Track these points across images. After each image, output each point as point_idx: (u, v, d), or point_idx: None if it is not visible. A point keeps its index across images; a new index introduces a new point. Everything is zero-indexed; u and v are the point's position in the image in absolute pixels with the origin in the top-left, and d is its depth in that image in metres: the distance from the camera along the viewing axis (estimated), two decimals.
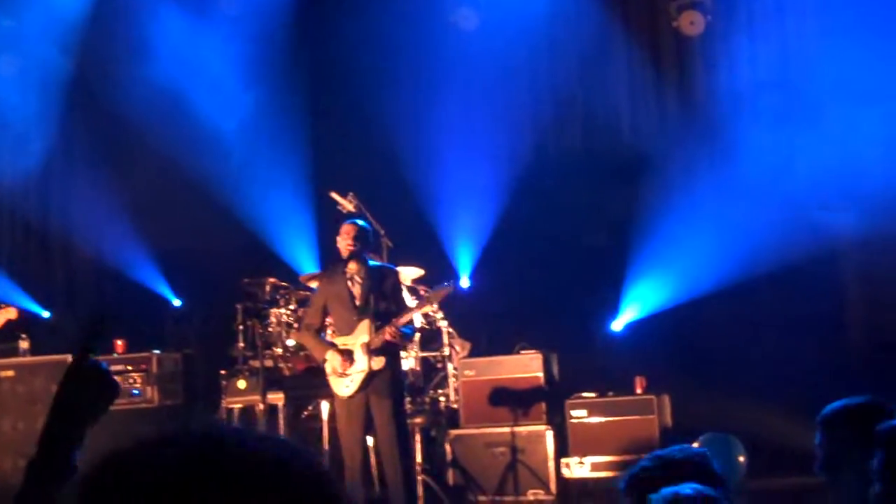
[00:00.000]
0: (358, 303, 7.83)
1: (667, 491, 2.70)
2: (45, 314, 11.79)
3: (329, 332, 8.15)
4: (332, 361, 7.79)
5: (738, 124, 10.35)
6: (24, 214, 12.04)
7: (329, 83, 11.60)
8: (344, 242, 7.85)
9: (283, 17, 11.58)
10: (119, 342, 10.11)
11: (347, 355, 7.75)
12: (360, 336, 7.78)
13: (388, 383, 7.78)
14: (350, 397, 7.78)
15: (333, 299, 7.93)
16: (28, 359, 10.17)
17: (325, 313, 8.01)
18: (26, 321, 11.22)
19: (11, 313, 8.78)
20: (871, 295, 10.29)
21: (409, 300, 9.34)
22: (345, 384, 7.80)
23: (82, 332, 2.34)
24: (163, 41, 11.42)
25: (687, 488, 2.72)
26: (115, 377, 8.04)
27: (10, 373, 9.89)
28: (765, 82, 10.38)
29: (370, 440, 8.16)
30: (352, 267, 7.89)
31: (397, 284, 8.12)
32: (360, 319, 7.79)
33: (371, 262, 8.08)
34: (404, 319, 7.75)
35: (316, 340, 7.98)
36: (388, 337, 7.67)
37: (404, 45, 11.08)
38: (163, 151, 11.36)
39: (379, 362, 7.71)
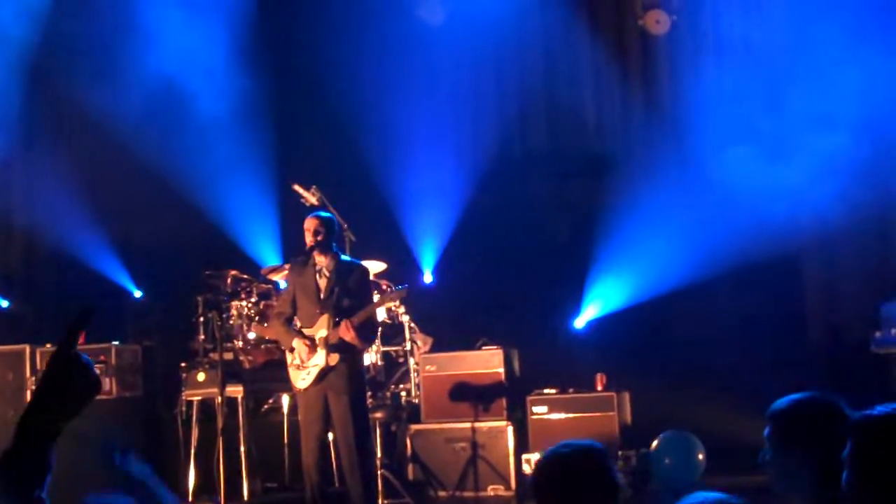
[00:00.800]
0: (322, 296, 7.80)
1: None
2: (4, 304, 11.67)
3: (298, 323, 8.10)
4: (298, 349, 7.77)
5: (702, 124, 10.39)
6: None
7: (293, 76, 11.55)
8: (308, 235, 7.82)
9: (246, 9, 11.51)
10: None
11: (312, 344, 7.73)
12: (320, 330, 7.75)
13: (346, 379, 7.73)
14: (306, 390, 7.74)
15: (300, 290, 7.91)
16: None
17: (295, 304, 7.98)
18: None
19: None
20: (830, 294, 10.38)
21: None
22: (301, 377, 7.77)
23: (68, 323, 2.30)
24: (125, 32, 11.31)
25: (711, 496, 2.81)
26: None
27: None
28: (729, 82, 10.41)
29: (331, 435, 8.12)
30: (321, 259, 7.86)
31: (363, 282, 8.08)
32: (321, 313, 7.77)
33: (343, 258, 8.04)
34: (358, 319, 7.70)
35: (285, 328, 7.95)
36: (346, 338, 7.64)
37: (370, 38, 11.06)
38: (125, 142, 11.25)
39: (334, 358, 7.67)
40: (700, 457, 8.80)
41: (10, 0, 11.36)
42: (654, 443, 8.90)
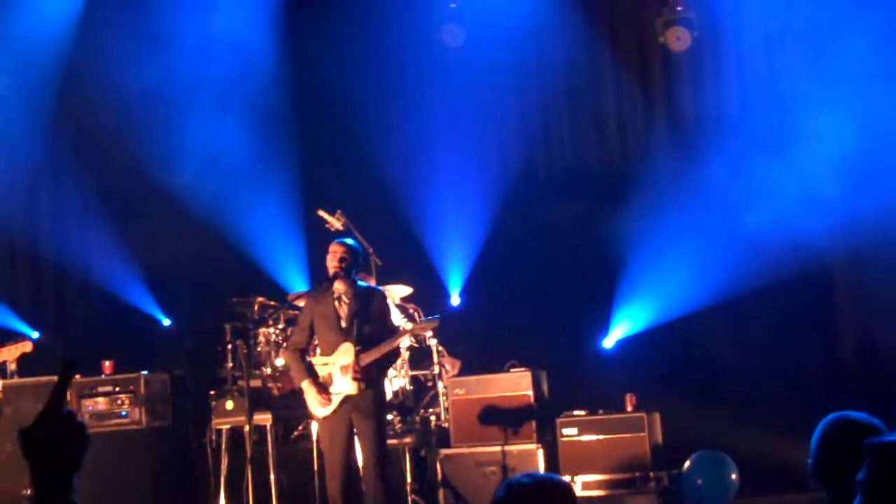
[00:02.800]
0: (343, 324, 7.78)
1: None
2: (34, 335, 11.72)
3: (316, 351, 8.08)
4: (308, 394, 7.77)
5: (725, 140, 10.34)
6: (13, 234, 11.98)
7: (317, 101, 11.58)
8: (332, 262, 7.80)
9: (270, 36, 11.57)
10: (107, 363, 10.05)
11: (324, 389, 7.70)
12: (341, 358, 7.72)
13: (370, 404, 7.72)
14: (327, 418, 7.73)
15: (319, 319, 7.88)
16: (15, 380, 10.09)
17: (312, 333, 7.95)
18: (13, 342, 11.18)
19: (27, 347, 8.76)
20: (861, 311, 10.28)
21: (398, 319, 9.32)
22: (320, 403, 7.76)
23: (57, 380, 2.29)
24: (149, 61, 11.38)
25: None
26: (103, 399, 7.96)
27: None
28: (751, 99, 10.36)
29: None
30: (339, 287, 7.84)
31: (384, 308, 8.07)
32: (343, 341, 7.74)
33: (360, 283, 8.02)
34: (372, 356, 7.68)
35: (298, 363, 7.92)
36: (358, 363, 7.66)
37: (391, 62, 11.09)
38: (152, 171, 11.32)
39: (358, 386, 7.65)
40: (733, 477, 8.71)
41: (36, 29, 11.47)
42: (686, 463, 8.82)
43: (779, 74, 10.33)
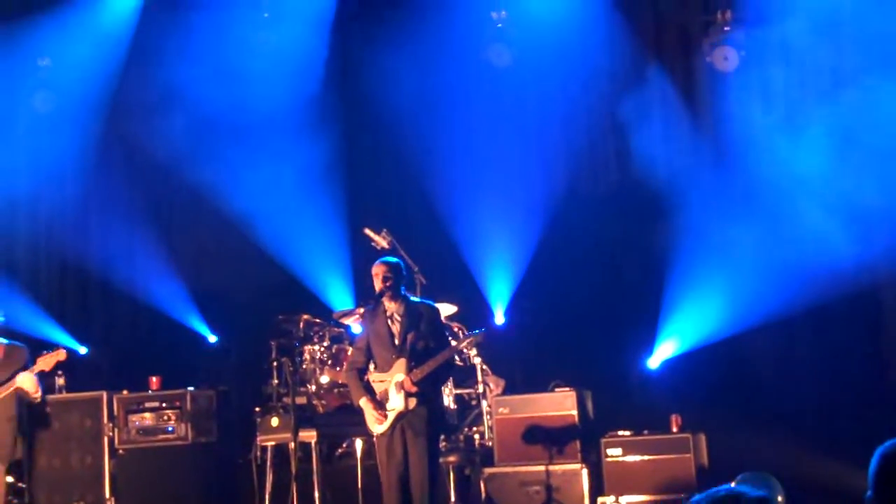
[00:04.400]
0: (397, 341, 7.83)
1: None
2: (82, 350, 11.85)
3: (371, 368, 8.11)
4: (366, 411, 7.82)
5: (772, 159, 10.28)
6: (62, 252, 12.13)
7: (363, 120, 11.65)
8: (376, 281, 7.86)
9: (318, 55, 11.66)
10: (154, 379, 10.14)
11: (380, 406, 7.76)
12: (396, 374, 7.77)
13: (424, 421, 7.75)
14: (384, 435, 7.76)
15: (374, 337, 7.95)
16: (63, 395, 10.22)
17: (370, 352, 8.01)
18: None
19: (61, 355, 8.86)
20: None
21: None
22: (377, 419, 7.80)
23: None
24: (198, 81, 11.50)
25: None
26: (149, 414, 8.07)
27: (46, 409, 9.93)
28: (799, 118, 10.29)
29: None
30: (390, 305, 7.90)
31: (436, 322, 8.10)
32: (397, 358, 7.80)
33: (412, 299, 8.07)
34: (423, 371, 7.72)
35: (355, 382, 7.98)
36: (411, 390, 7.71)
37: (438, 81, 11.13)
38: (198, 189, 11.43)
39: (412, 402, 7.70)
40: (779, 499, 8.62)
41: (88, 48, 11.64)
42: (732, 485, 8.74)
43: (826, 92, 10.24)
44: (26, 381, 8.67)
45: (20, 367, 8.77)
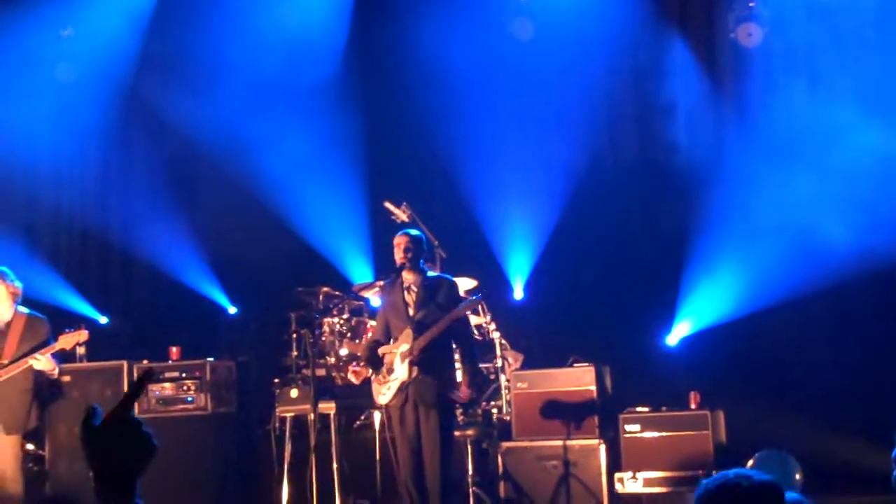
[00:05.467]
0: (412, 312, 7.85)
1: None
2: (102, 320, 11.91)
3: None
4: (356, 374, 7.93)
5: (795, 137, 10.22)
6: (83, 221, 12.17)
7: (384, 93, 11.63)
8: (397, 254, 7.87)
9: (339, 27, 11.63)
10: (174, 349, 10.19)
11: (378, 367, 7.84)
12: (402, 345, 7.80)
13: (433, 393, 7.77)
14: (395, 406, 7.80)
15: (390, 309, 7.99)
16: (84, 364, 10.26)
17: (388, 324, 8.04)
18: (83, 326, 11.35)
19: (83, 335, 8.86)
20: None
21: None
22: (382, 391, 7.90)
23: (132, 387, 2.30)
24: (220, 52, 11.52)
25: None
26: (169, 384, 8.08)
27: (67, 378, 9.98)
28: (822, 94, 10.22)
29: None
30: (408, 277, 7.92)
31: (453, 295, 8.10)
32: (408, 329, 7.83)
33: (429, 273, 8.08)
34: (435, 332, 7.72)
35: (364, 352, 8.10)
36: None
37: (460, 54, 11.08)
38: (219, 161, 11.45)
39: (414, 371, 7.72)
40: (797, 477, 8.62)
41: (111, 18, 11.64)
42: (750, 462, 8.75)
43: (850, 69, 10.18)
44: (43, 364, 8.63)
45: (42, 342, 8.73)
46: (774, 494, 2.83)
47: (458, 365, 8.25)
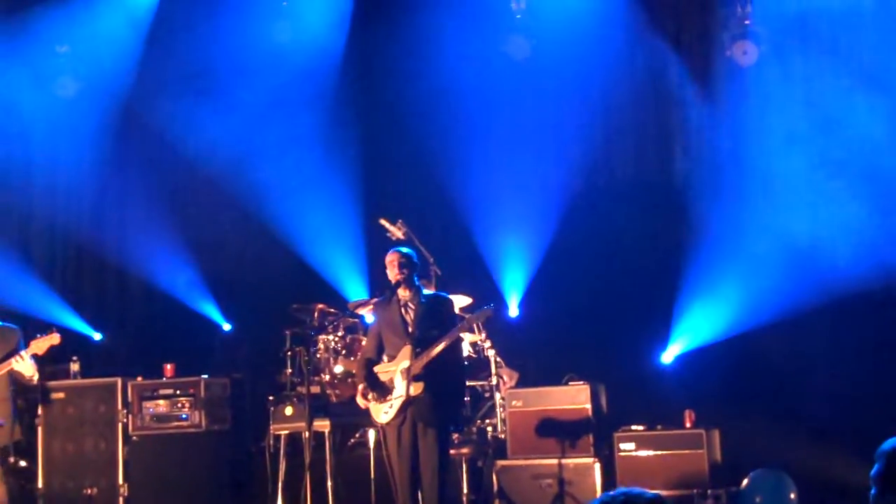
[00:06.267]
0: (411, 329, 7.82)
1: None
2: (97, 336, 11.89)
3: (385, 359, 8.07)
4: (358, 399, 7.87)
5: (791, 154, 10.24)
6: (78, 237, 12.16)
7: (379, 111, 11.64)
8: (391, 272, 7.86)
9: (334, 45, 11.65)
10: (168, 366, 10.17)
11: (380, 389, 7.76)
12: (402, 362, 7.76)
13: (432, 411, 7.72)
14: (392, 425, 7.75)
15: (386, 326, 7.93)
16: (78, 381, 10.26)
17: (381, 343, 7.99)
18: (77, 343, 11.34)
19: (55, 339, 8.81)
20: None
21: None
22: (383, 410, 7.79)
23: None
24: (216, 68, 11.54)
25: None
26: (163, 401, 8.07)
27: (61, 395, 9.99)
28: (818, 113, 10.24)
29: None
30: (404, 294, 7.89)
31: (451, 313, 8.09)
32: (406, 346, 7.78)
33: (425, 291, 8.06)
34: (440, 347, 7.69)
35: (360, 370, 7.99)
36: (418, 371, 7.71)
37: (455, 73, 11.11)
38: (215, 178, 11.45)
39: (417, 388, 7.66)
40: (792, 496, 8.61)
41: (108, 35, 11.67)
42: (745, 481, 8.74)
43: (845, 88, 10.20)
44: (24, 366, 8.61)
45: (13, 350, 8.71)
46: None
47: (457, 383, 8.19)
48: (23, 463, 10.21)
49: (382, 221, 9.74)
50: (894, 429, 3.72)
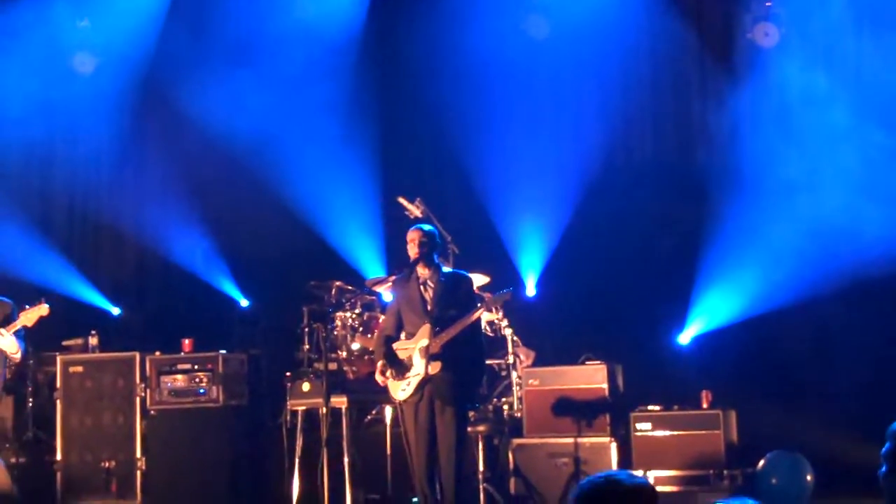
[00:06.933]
0: (430, 307, 7.82)
1: None
2: (115, 311, 11.95)
3: (403, 336, 8.08)
4: (377, 375, 7.86)
5: (812, 136, 10.20)
6: (97, 212, 12.20)
7: (398, 89, 11.62)
8: (412, 249, 7.86)
9: (354, 23, 11.64)
10: (186, 341, 10.21)
11: (398, 366, 7.77)
12: (420, 340, 7.76)
13: (450, 389, 7.73)
14: (409, 402, 7.76)
15: (405, 304, 7.93)
16: (96, 355, 10.31)
17: (400, 320, 8.00)
18: (96, 317, 11.40)
19: (44, 310, 8.75)
20: None
21: None
22: (401, 387, 7.80)
23: None
24: (234, 42, 11.55)
25: None
26: (181, 376, 8.07)
27: (79, 368, 10.03)
28: (840, 95, 10.19)
29: None
30: (423, 272, 7.89)
31: (470, 292, 8.09)
32: (425, 324, 7.79)
33: (444, 269, 8.06)
34: (460, 327, 7.69)
35: (379, 347, 7.99)
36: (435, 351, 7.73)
37: (475, 52, 11.09)
38: (234, 154, 11.46)
39: (435, 367, 7.67)
40: (808, 478, 8.61)
41: (127, 10, 11.67)
42: (761, 462, 8.74)
43: (868, 70, 10.14)
44: (5, 342, 8.50)
45: (2, 322, 8.63)
46: (649, 496, 2.85)
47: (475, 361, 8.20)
48: (42, 436, 10.30)
49: (400, 199, 9.74)
50: None
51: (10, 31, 11.51)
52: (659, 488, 8.87)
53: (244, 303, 12.02)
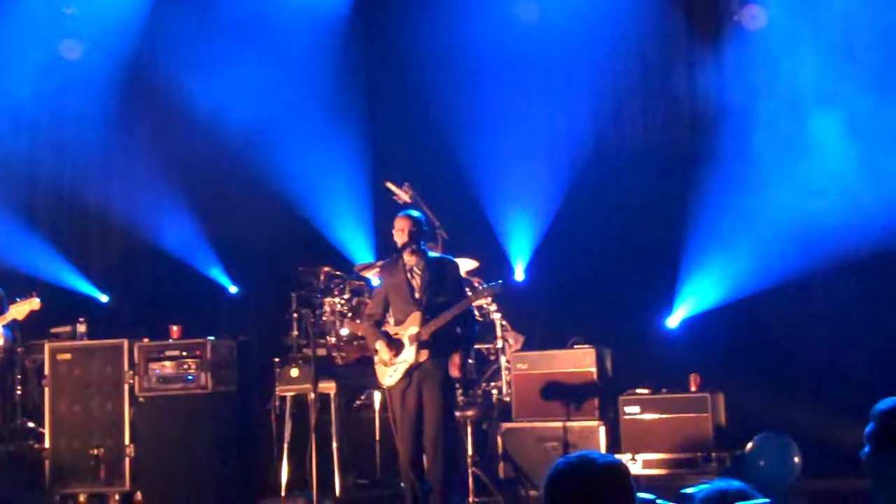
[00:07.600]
0: (417, 295, 7.82)
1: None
2: (103, 298, 11.92)
3: (390, 322, 8.08)
4: (381, 352, 7.81)
5: (799, 119, 10.20)
6: (84, 199, 12.16)
7: (387, 74, 11.61)
8: (399, 237, 7.84)
9: (343, 8, 11.61)
10: (175, 328, 10.18)
11: (396, 346, 7.76)
12: (410, 327, 7.76)
13: (439, 376, 7.74)
14: (396, 388, 7.76)
15: (393, 291, 7.93)
16: (85, 342, 10.28)
17: (387, 305, 8.00)
18: (84, 305, 11.37)
19: (35, 304, 8.74)
20: None
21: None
22: (388, 373, 7.81)
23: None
24: (220, 29, 11.51)
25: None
26: (170, 363, 8.05)
27: (68, 356, 9.99)
28: (827, 77, 10.19)
29: None
30: (410, 258, 7.88)
31: (458, 277, 8.09)
32: (414, 311, 7.79)
33: (430, 254, 8.06)
34: (448, 317, 7.70)
35: (372, 330, 7.99)
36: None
37: (464, 35, 11.07)
38: (222, 139, 11.43)
39: (424, 355, 7.69)
40: (796, 459, 8.65)
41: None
42: (749, 445, 8.77)
43: (855, 52, 10.15)
44: None
45: None
46: (621, 473, 2.93)
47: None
48: (31, 424, 10.28)
49: (389, 184, 9.72)
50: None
51: None
52: (647, 471, 8.96)
53: (232, 289, 12.01)
